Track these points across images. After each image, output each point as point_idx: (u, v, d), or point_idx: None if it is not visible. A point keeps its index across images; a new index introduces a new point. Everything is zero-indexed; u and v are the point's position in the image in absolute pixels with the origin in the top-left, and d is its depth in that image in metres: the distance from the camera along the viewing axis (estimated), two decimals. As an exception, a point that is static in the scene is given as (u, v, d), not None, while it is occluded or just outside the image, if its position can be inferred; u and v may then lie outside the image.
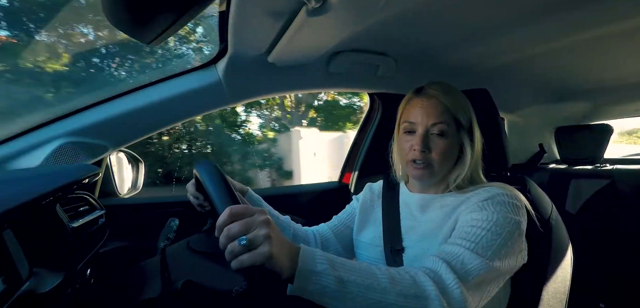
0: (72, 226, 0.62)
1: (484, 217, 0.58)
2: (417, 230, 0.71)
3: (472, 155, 0.68)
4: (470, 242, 0.55)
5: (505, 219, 0.59)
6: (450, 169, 0.70)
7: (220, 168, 0.60)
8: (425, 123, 0.67)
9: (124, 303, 0.48)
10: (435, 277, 0.50)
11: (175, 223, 0.75)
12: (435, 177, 0.70)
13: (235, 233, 0.42)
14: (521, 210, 0.63)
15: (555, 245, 0.77)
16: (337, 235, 0.86)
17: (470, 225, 0.58)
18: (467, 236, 0.56)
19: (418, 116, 0.68)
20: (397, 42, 0.85)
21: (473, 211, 0.60)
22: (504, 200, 0.61)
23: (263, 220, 0.43)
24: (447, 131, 0.67)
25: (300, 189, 1.33)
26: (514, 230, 0.59)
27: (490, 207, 0.60)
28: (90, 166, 0.64)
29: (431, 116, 0.67)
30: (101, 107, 0.82)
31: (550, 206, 0.82)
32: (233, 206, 0.43)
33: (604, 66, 1.21)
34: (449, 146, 0.67)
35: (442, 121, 0.66)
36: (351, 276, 0.46)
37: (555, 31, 0.83)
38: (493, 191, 0.64)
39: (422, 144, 0.67)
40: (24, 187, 0.50)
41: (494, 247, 0.55)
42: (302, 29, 0.66)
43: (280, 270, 0.42)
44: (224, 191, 0.53)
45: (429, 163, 0.68)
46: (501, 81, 1.26)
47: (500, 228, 0.57)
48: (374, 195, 0.86)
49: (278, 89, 1.02)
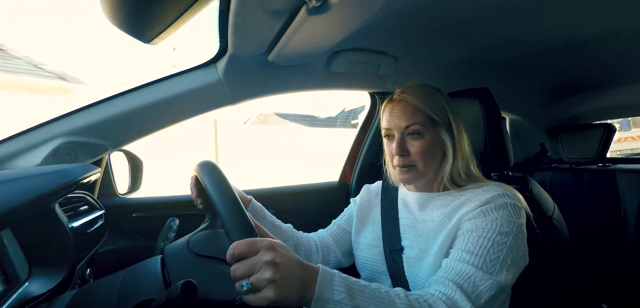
0: (71, 226, 0.62)
1: (488, 225, 0.59)
2: (416, 229, 0.71)
3: (454, 149, 0.69)
4: (478, 257, 0.56)
5: (509, 224, 0.59)
6: (439, 166, 0.71)
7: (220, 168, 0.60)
8: (399, 126, 0.69)
9: (123, 303, 0.48)
10: (451, 305, 0.52)
11: (176, 223, 0.75)
12: (423, 177, 0.71)
13: (238, 276, 0.41)
14: (521, 210, 0.63)
15: (557, 244, 0.77)
16: (337, 241, 0.87)
17: (476, 235, 0.58)
18: (473, 249, 0.57)
19: (392, 121, 0.70)
20: (397, 41, 0.85)
21: (476, 218, 0.61)
22: (505, 202, 0.62)
23: (268, 261, 0.41)
24: (421, 130, 0.68)
25: (300, 188, 1.33)
26: (517, 234, 0.60)
27: (493, 212, 0.60)
28: (89, 166, 0.64)
29: (403, 118, 0.69)
30: (101, 107, 0.81)
31: (552, 205, 0.82)
32: (237, 244, 0.42)
33: (605, 65, 1.21)
34: (427, 144, 0.68)
35: (414, 121, 0.68)
36: (370, 305, 0.46)
37: (557, 30, 0.83)
38: (492, 191, 0.64)
39: (399, 148, 0.69)
40: (23, 187, 0.50)
41: (500, 259, 0.56)
42: (302, 28, 0.66)
43: (290, 305, 0.42)
44: (226, 194, 0.52)
45: (412, 164, 0.69)
46: (503, 80, 1.25)
47: (505, 236, 0.58)
48: (372, 195, 0.87)
49: (278, 89, 1.02)
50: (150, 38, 0.60)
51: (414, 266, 0.67)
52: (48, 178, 0.52)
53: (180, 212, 1.02)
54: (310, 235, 0.89)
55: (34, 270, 0.55)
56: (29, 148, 0.74)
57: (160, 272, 0.54)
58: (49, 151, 0.75)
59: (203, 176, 0.57)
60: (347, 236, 0.86)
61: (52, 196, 0.54)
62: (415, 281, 0.66)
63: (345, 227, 0.87)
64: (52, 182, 0.51)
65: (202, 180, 0.57)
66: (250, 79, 0.92)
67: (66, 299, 0.52)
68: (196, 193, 0.70)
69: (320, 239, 0.87)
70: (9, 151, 0.73)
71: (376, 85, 1.14)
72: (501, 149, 0.82)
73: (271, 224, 0.81)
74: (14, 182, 0.49)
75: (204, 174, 0.57)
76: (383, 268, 0.73)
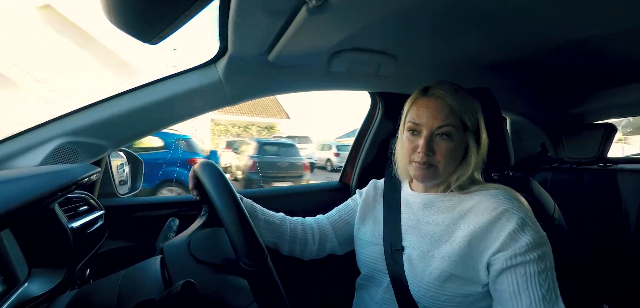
0: (71, 227, 0.62)
1: (530, 257, 0.57)
2: (419, 230, 0.70)
3: (477, 157, 0.68)
4: (536, 299, 0.56)
5: (542, 240, 0.60)
6: (453, 170, 0.69)
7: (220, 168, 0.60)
8: (430, 124, 0.66)
9: (123, 304, 0.48)
10: None
11: (175, 223, 0.75)
12: (438, 178, 0.69)
13: None
14: (532, 216, 0.63)
15: (558, 244, 0.77)
16: (336, 230, 0.86)
17: (521, 274, 0.57)
18: (527, 290, 0.57)
19: (424, 117, 0.67)
20: (398, 41, 0.85)
21: (508, 247, 0.58)
22: (520, 218, 0.60)
23: None
24: (452, 133, 0.65)
25: (300, 189, 1.33)
26: (548, 251, 0.60)
27: (524, 235, 0.59)
28: (89, 166, 0.64)
29: (437, 118, 0.66)
30: (100, 107, 0.81)
31: (553, 205, 0.81)
32: None
33: (607, 64, 1.20)
34: (454, 148, 0.66)
35: (448, 123, 0.65)
36: None
37: (558, 29, 0.83)
38: (498, 196, 0.64)
39: (426, 146, 0.66)
40: (22, 187, 0.49)
41: (553, 289, 0.57)
42: (302, 28, 0.66)
43: None
44: (226, 193, 0.52)
45: (433, 164, 0.67)
46: (503, 80, 1.25)
47: (548, 263, 0.58)
48: (377, 192, 0.86)
49: (278, 89, 1.02)
50: (150, 38, 0.60)
51: (414, 267, 0.66)
52: (48, 178, 0.52)
53: (180, 212, 1.02)
54: (307, 221, 0.88)
55: (34, 270, 0.55)
56: (28, 148, 0.74)
57: (160, 272, 0.54)
58: (48, 151, 0.74)
59: (208, 185, 0.56)
60: (347, 227, 0.86)
61: (51, 197, 0.53)
62: (414, 281, 0.66)
63: (346, 218, 0.87)
64: (51, 182, 0.51)
65: (208, 190, 0.56)
66: (251, 79, 0.92)
67: (66, 300, 0.52)
68: (193, 185, 0.71)
69: (319, 226, 0.87)
70: (8, 151, 0.72)
71: (376, 85, 1.14)
72: (502, 149, 0.82)
73: (264, 222, 0.80)
74: (14, 182, 0.49)
75: (209, 182, 0.56)
76: (382, 266, 0.73)
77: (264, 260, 0.50)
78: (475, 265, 0.61)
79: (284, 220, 0.84)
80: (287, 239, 0.82)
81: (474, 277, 0.61)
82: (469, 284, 0.61)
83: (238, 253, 0.49)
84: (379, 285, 0.75)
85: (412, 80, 1.08)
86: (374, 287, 0.77)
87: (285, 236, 0.82)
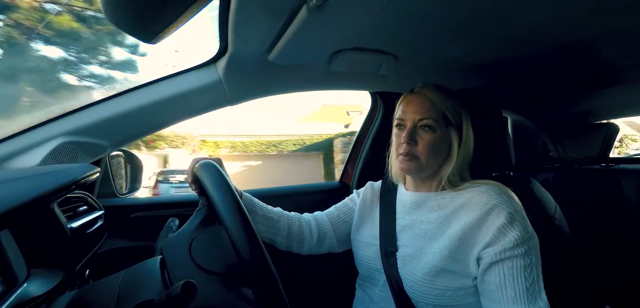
0: (70, 227, 0.61)
1: (517, 252, 0.60)
2: (412, 229, 0.72)
3: (458, 152, 0.70)
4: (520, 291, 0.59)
5: (529, 235, 0.62)
6: (440, 165, 0.71)
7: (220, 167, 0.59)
8: (413, 118, 0.70)
9: (123, 304, 0.48)
10: None
11: (175, 223, 0.74)
12: (423, 171, 0.72)
13: None
14: (523, 211, 0.65)
15: (559, 244, 0.76)
16: (335, 228, 0.87)
17: (509, 267, 0.60)
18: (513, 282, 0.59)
19: (408, 112, 0.71)
20: (398, 40, 0.85)
21: (498, 242, 0.61)
22: (509, 213, 0.62)
23: None
24: (433, 125, 0.69)
25: (301, 189, 1.33)
26: (535, 245, 0.62)
27: (512, 230, 0.61)
28: (89, 166, 0.64)
29: (419, 111, 0.70)
30: (100, 107, 0.81)
31: (554, 205, 0.81)
32: None
33: (608, 64, 1.20)
34: (436, 140, 0.69)
35: (429, 116, 0.69)
36: None
37: (559, 29, 0.82)
38: (489, 191, 0.65)
39: (408, 136, 0.70)
40: (22, 187, 0.49)
41: (536, 282, 0.60)
42: (303, 27, 0.66)
43: None
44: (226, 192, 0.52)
45: (415, 155, 0.70)
46: (504, 79, 1.25)
47: (533, 259, 0.61)
48: (375, 194, 0.87)
49: (279, 88, 1.02)
50: (150, 37, 0.60)
51: (407, 264, 0.68)
52: (47, 178, 0.52)
53: (180, 212, 1.02)
54: (306, 216, 0.89)
55: (33, 271, 0.54)
56: (28, 148, 0.74)
57: (160, 272, 0.53)
58: (48, 151, 0.74)
59: (216, 198, 0.53)
60: (345, 226, 0.87)
61: (51, 197, 0.53)
62: (408, 279, 0.68)
63: (344, 218, 0.88)
64: (51, 182, 0.51)
65: (215, 204, 0.53)
66: (251, 79, 0.92)
67: (65, 300, 0.52)
68: (191, 179, 0.71)
69: (318, 223, 0.87)
70: (8, 151, 0.72)
71: (377, 85, 1.14)
72: (503, 149, 0.81)
73: (262, 217, 0.80)
74: (13, 182, 0.49)
75: (216, 194, 0.53)
76: (378, 266, 0.75)
77: (276, 286, 0.49)
78: (465, 259, 0.63)
79: (282, 215, 0.85)
80: (284, 235, 0.83)
81: (464, 270, 0.63)
82: (460, 278, 0.64)
83: (249, 278, 0.49)
84: (376, 284, 0.77)
85: (413, 80, 1.08)
86: (372, 286, 0.78)
87: (283, 232, 0.82)
